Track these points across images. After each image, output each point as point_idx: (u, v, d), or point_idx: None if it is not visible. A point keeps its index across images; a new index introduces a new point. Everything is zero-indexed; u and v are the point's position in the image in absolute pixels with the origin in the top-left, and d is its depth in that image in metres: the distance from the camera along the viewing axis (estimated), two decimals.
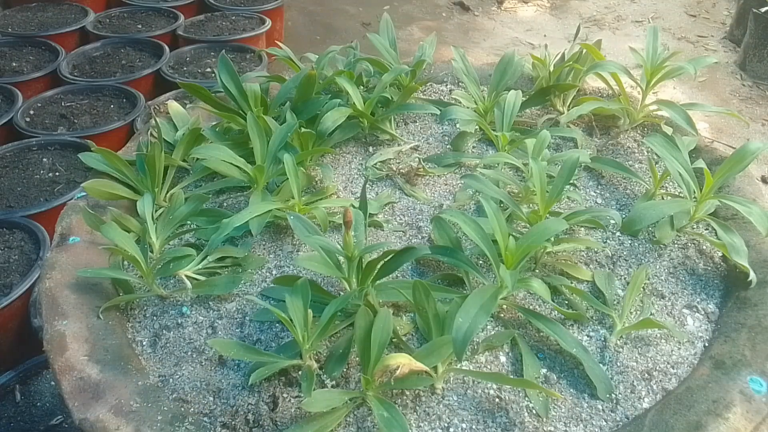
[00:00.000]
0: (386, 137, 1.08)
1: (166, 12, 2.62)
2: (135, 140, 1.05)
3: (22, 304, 1.38)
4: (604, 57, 1.12)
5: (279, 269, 0.83)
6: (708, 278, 0.82)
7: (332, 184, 0.96)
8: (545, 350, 0.72)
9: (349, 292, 0.71)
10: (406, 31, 3.36)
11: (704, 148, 1.02)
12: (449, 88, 1.23)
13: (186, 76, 2.24)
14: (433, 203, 0.94)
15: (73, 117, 1.98)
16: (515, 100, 1.05)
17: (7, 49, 2.30)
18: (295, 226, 0.76)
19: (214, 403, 0.67)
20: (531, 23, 3.56)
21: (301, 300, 0.67)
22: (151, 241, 0.83)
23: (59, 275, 0.78)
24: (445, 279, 0.80)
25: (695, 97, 2.82)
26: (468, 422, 0.64)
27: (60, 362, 0.67)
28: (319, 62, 1.10)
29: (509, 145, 0.99)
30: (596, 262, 0.84)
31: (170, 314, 0.77)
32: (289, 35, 3.12)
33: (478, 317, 0.63)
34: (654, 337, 0.74)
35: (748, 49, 2.93)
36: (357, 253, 0.71)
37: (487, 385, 0.68)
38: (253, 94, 1.02)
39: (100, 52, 2.36)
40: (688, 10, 3.65)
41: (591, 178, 0.99)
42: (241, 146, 0.97)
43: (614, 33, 3.39)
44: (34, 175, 1.71)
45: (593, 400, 0.67)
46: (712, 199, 0.86)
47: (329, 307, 0.67)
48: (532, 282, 0.72)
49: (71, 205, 0.90)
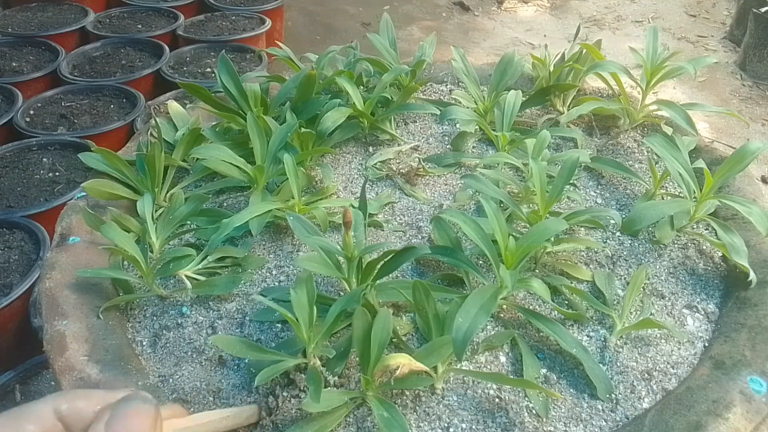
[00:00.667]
0: (386, 137, 1.08)
1: (166, 12, 2.62)
2: (135, 140, 1.05)
3: (22, 304, 1.38)
4: (604, 57, 1.11)
5: (279, 269, 0.83)
6: (708, 278, 0.82)
7: (332, 184, 0.96)
8: (545, 350, 0.72)
9: (354, 290, 0.71)
10: (406, 31, 3.36)
11: (704, 148, 1.02)
12: (449, 88, 1.23)
13: (186, 76, 2.24)
14: (433, 203, 0.94)
15: (73, 117, 1.98)
16: (515, 100, 1.05)
17: (7, 49, 2.31)
18: (294, 226, 0.76)
19: (214, 403, 0.67)
20: (531, 23, 3.56)
21: (306, 296, 0.66)
22: (151, 241, 0.83)
23: (59, 275, 0.78)
24: (445, 279, 0.80)
25: (695, 97, 2.82)
26: (468, 422, 0.64)
27: (60, 362, 0.67)
28: (319, 62, 1.10)
29: (509, 145, 0.99)
30: (596, 262, 0.84)
31: (170, 314, 0.77)
32: (289, 35, 3.12)
33: (478, 317, 0.63)
34: (654, 337, 0.74)
35: (748, 49, 2.93)
36: (357, 254, 0.70)
37: (487, 385, 0.68)
38: (253, 94, 1.02)
39: (100, 52, 2.36)
40: (688, 10, 3.65)
41: (591, 178, 0.99)
42: (241, 146, 0.97)
43: (614, 33, 3.39)
44: (34, 175, 1.71)
45: (593, 400, 0.67)
46: (712, 199, 0.86)
47: (335, 306, 0.66)
48: (532, 282, 0.72)
49: (71, 205, 0.90)
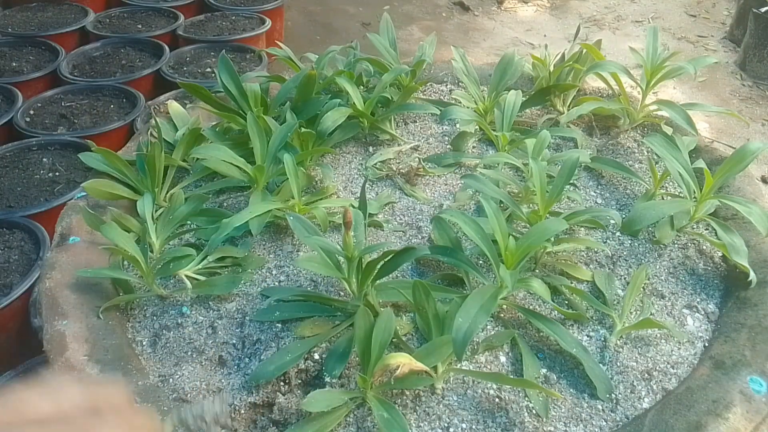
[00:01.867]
0: (386, 137, 1.08)
1: (166, 12, 2.62)
2: (135, 140, 1.05)
3: (22, 304, 1.38)
4: (604, 57, 1.11)
5: (279, 269, 0.83)
6: (708, 278, 0.82)
7: (332, 184, 0.95)
8: (545, 350, 0.72)
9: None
10: (406, 31, 3.36)
11: (704, 148, 1.02)
12: (449, 88, 1.23)
13: (186, 76, 2.24)
14: (433, 203, 0.94)
15: (73, 117, 1.98)
16: (515, 100, 1.05)
17: (7, 49, 2.30)
18: (294, 226, 0.76)
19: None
20: (531, 23, 3.56)
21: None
22: (151, 241, 0.83)
23: (59, 275, 0.78)
24: (445, 279, 0.80)
25: (695, 97, 2.82)
26: (468, 422, 0.64)
27: (60, 362, 0.67)
28: (319, 62, 1.10)
29: (509, 145, 0.99)
30: (596, 262, 0.84)
31: (170, 314, 0.77)
32: (289, 35, 3.11)
33: (478, 317, 0.63)
34: (654, 337, 0.74)
35: (748, 49, 2.93)
36: (357, 254, 0.70)
37: (487, 385, 0.68)
38: (253, 94, 1.02)
39: (100, 52, 2.36)
40: (688, 10, 3.65)
41: (591, 178, 0.99)
42: (241, 146, 0.97)
43: (614, 33, 3.39)
44: (34, 175, 1.71)
45: (593, 400, 0.67)
46: (712, 199, 0.86)
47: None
48: (532, 282, 0.72)
49: (71, 205, 0.90)
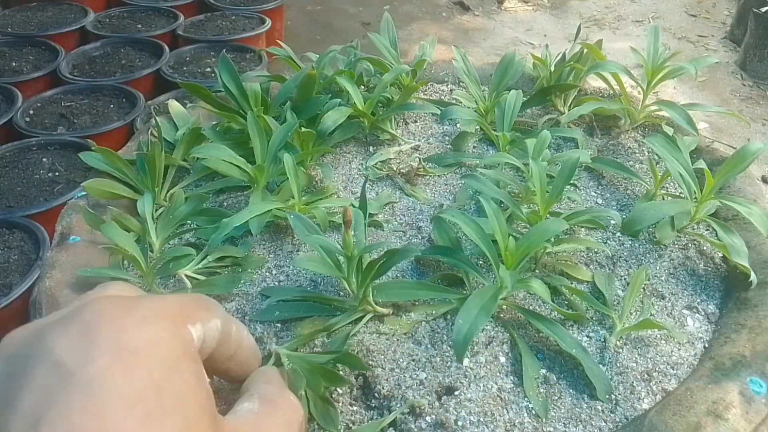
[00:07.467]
0: (387, 137, 1.08)
1: (166, 12, 2.62)
2: (135, 140, 1.05)
3: (22, 304, 1.38)
4: (605, 57, 1.11)
5: (279, 269, 0.83)
6: (708, 279, 0.82)
7: (332, 184, 0.95)
8: (545, 350, 0.72)
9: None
10: (406, 30, 3.36)
11: (705, 148, 1.02)
12: (450, 88, 1.23)
13: (186, 75, 2.24)
14: (434, 203, 0.94)
15: (72, 117, 1.98)
16: (516, 100, 1.05)
17: (6, 49, 2.30)
18: (295, 225, 0.76)
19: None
20: (531, 23, 3.56)
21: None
22: (151, 240, 0.83)
23: (59, 274, 0.78)
24: (445, 279, 0.80)
25: (696, 97, 2.82)
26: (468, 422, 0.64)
27: None
28: (320, 62, 1.10)
29: (510, 145, 0.99)
30: (596, 262, 0.84)
31: None
32: (289, 35, 3.12)
33: (478, 319, 0.63)
34: (654, 337, 0.74)
35: (749, 48, 2.93)
36: (357, 253, 0.70)
37: (487, 384, 0.67)
38: (254, 94, 1.02)
39: (100, 52, 2.36)
40: (689, 10, 3.65)
41: (591, 179, 0.99)
42: (242, 146, 0.97)
43: (614, 33, 3.39)
44: (34, 175, 1.71)
45: (593, 401, 0.67)
46: (712, 199, 0.86)
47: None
48: (532, 282, 0.72)
49: (71, 204, 0.90)
